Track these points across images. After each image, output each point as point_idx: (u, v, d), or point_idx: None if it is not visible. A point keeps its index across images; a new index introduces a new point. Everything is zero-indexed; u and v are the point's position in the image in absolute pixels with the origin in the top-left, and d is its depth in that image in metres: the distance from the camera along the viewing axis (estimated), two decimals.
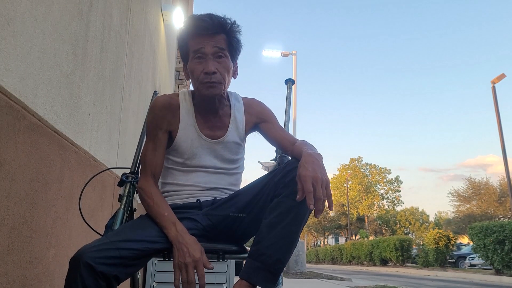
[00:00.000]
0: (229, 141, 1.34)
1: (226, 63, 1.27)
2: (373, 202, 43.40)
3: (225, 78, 1.28)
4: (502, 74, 13.61)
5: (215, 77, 1.24)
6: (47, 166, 1.46)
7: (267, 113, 1.42)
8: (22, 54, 1.25)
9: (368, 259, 20.40)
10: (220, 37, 1.27)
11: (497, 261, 10.01)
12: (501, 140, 13.34)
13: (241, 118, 1.37)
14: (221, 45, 1.27)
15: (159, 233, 1.13)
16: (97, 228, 1.36)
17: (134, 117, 3.05)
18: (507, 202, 28.33)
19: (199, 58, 1.26)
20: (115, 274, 0.98)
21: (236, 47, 1.31)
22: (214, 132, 1.34)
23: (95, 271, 0.94)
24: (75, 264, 0.94)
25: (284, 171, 1.16)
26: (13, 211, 1.22)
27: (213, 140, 1.33)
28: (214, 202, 1.29)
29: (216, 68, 1.25)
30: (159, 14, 4.72)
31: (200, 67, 1.25)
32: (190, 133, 1.32)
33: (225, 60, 1.27)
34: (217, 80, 1.25)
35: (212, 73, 1.23)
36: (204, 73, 1.24)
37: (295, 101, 11.87)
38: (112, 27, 2.30)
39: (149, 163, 1.29)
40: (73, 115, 1.71)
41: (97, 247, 0.98)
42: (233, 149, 1.35)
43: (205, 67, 1.24)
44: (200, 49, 1.25)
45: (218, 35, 1.26)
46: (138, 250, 1.04)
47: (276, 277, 1.08)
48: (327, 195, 1.04)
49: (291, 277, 7.81)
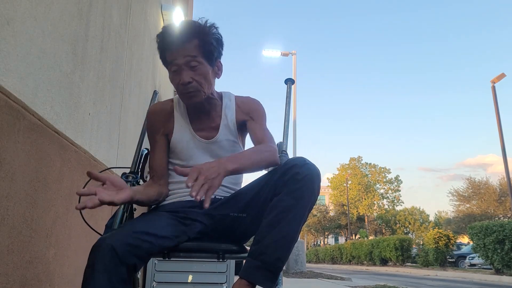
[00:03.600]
0: (222, 140, 1.37)
1: (201, 69, 1.27)
2: (373, 202, 43.36)
3: (203, 84, 1.28)
4: (502, 73, 13.60)
5: (192, 87, 1.26)
6: (47, 166, 1.46)
7: (256, 112, 1.42)
8: (22, 54, 1.25)
9: (368, 258, 20.41)
10: (191, 44, 1.25)
11: (497, 261, 10.01)
12: (501, 140, 13.34)
13: (232, 117, 1.39)
14: (193, 53, 1.25)
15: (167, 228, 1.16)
16: (97, 228, 1.36)
17: (134, 117, 3.05)
18: (507, 202, 28.34)
19: (174, 70, 1.28)
20: (134, 263, 1.02)
21: (210, 50, 1.28)
22: (208, 132, 1.37)
23: (118, 257, 0.97)
24: (99, 249, 0.98)
25: (283, 170, 1.16)
26: (13, 211, 1.22)
27: (207, 141, 1.36)
28: (214, 201, 1.29)
29: (191, 77, 1.25)
30: (159, 14, 4.72)
31: (176, 78, 1.28)
32: (185, 135, 1.36)
33: (200, 67, 1.26)
34: (194, 88, 1.26)
35: (187, 83, 1.25)
36: (181, 84, 1.26)
37: (295, 100, 11.87)
38: (112, 27, 2.30)
39: (151, 166, 1.37)
40: (73, 114, 1.71)
41: (121, 235, 1.02)
42: (228, 148, 1.37)
43: (180, 78, 1.26)
44: (173, 61, 1.26)
45: (188, 43, 1.25)
46: (151, 244, 1.08)
47: (275, 275, 1.08)
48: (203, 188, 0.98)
49: (291, 276, 7.81)
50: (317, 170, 1.15)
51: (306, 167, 1.13)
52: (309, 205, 1.13)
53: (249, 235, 1.29)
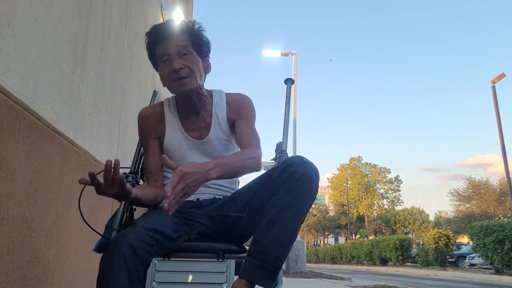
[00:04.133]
0: (214, 140, 1.37)
1: (192, 58, 1.30)
2: (373, 202, 43.34)
3: (195, 71, 1.29)
4: (502, 73, 13.59)
5: (183, 72, 1.27)
6: (47, 165, 1.46)
7: (245, 111, 1.41)
8: (22, 54, 1.25)
9: (368, 258, 20.40)
10: (182, 37, 1.30)
11: (496, 261, 10.00)
12: (501, 140, 13.34)
13: (222, 115, 1.39)
14: (183, 43, 1.29)
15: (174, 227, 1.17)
16: (97, 228, 1.36)
17: (134, 117, 3.05)
18: (507, 202, 28.33)
19: (165, 61, 1.29)
20: (149, 261, 1.03)
21: (201, 43, 1.33)
22: (199, 132, 1.37)
23: (136, 254, 0.98)
24: (118, 245, 0.98)
25: (281, 168, 1.16)
26: (13, 211, 1.22)
27: (199, 141, 1.36)
28: (214, 201, 1.29)
29: (183, 64, 1.28)
30: (159, 13, 4.72)
31: (167, 68, 1.29)
32: (177, 137, 1.37)
33: (191, 56, 1.30)
34: (186, 74, 1.28)
35: (179, 69, 1.26)
36: (172, 71, 1.27)
37: (295, 100, 11.86)
38: (112, 27, 2.30)
39: (145, 169, 1.38)
40: (73, 114, 1.71)
41: (138, 233, 1.02)
42: (221, 147, 1.37)
43: (171, 66, 1.27)
44: (164, 53, 1.29)
45: (180, 36, 1.30)
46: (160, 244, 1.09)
47: (274, 274, 1.08)
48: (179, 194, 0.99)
49: (291, 276, 7.81)
50: (315, 169, 1.15)
51: (304, 165, 1.13)
52: (308, 203, 1.13)
53: (249, 234, 1.29)
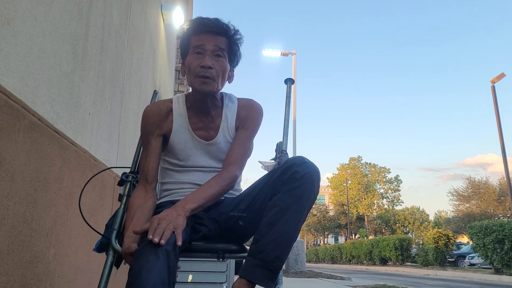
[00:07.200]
0: (221, 142, 1.36)
1: (223, 62, 1.31)
2: (372, 202, 43.34)
3: (220, 77, 1.30)
4: (502, 73, 13.59)
5: (210, 72, 1.27)
6: (47, 165, 1.46)
7: (250, 121, 1.39)
8: (22, 53, 1.25)
9: (367, 258, 20.41)
10: (222, 39, 1.31)
11: (496, 260, 10.01)
12: (501, 140, 13.34)
13: (232, 119, 1.38)
14: (222, 45, 1.30)
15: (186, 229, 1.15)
16: (97, 227, 1.36)
17: (134, 117, 3.05)
18: (507, 202, 28.34)
19: (198, 53, 1.29)
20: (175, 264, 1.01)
21: (236, 53, 1.36)
22: (207, 133, 1.36)
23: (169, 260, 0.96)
24: (152, 250, 0.95)
25: (282, 169, 1.16)
26: (13, 211, 1.22)
27: (206, 142, 1.35)
28: (218, 203, 1.30)
29: (213, 64, 1.28)
30: (159, 13, 4.71)
31: (197, 61, 1.28)
32: (183, 135, 1.35)
33: (223, 60, 1.31)
34: (212, 75, 1.27)
35: (208, 67, 1.26)
36: (201, 67, 1.27)
37: (295, 100, 11.86)
38: (112, 27, 2.30)
39: (142, 169, 1.34)
40: (73, 114, 1.71)
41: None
42: (227, 149, 1.37)
43: (203, 61, 1.27)
44: (201, 45, 1.29)
45: (220, 36, 1.31)
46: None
47: (275, 274, 1.08)
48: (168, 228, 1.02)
49: (291, 276, 7.82)
50: (316, 169, 1.15)
51: (305, 165, 1.13)
52: (308, 203, 1.13)
53: (249, 234, 1.30)
